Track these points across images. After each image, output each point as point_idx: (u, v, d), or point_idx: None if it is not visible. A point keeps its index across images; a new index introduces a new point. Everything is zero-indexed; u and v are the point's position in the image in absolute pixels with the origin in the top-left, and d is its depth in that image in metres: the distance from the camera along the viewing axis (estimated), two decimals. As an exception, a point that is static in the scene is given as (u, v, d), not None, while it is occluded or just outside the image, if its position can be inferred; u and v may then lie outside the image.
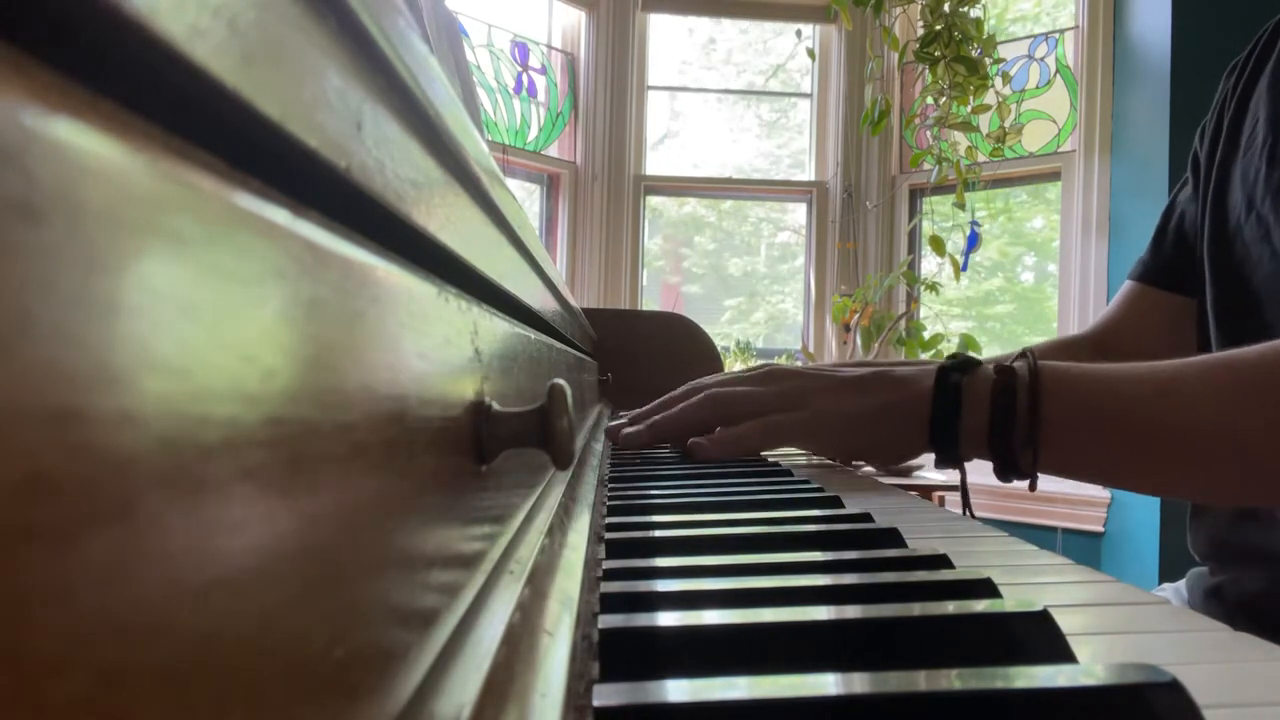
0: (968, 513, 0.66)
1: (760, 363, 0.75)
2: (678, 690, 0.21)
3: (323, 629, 0.12)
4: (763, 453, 0.76)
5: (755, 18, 3.27)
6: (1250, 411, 0.51)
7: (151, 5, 0.09)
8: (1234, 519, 0.67)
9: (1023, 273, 3.30)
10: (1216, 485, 0.55)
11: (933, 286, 2.86)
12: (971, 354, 0.60)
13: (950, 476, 2.93)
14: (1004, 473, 0.57)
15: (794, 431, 0.67)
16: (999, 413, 0.56)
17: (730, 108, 3.46)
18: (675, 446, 0.77)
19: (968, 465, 0.61)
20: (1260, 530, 0.64)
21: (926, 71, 2.73)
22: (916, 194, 3.11)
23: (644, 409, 0.79)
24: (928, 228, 3.04)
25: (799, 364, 0.78)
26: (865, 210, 3.11)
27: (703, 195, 3.43)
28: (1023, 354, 0.58)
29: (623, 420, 1.00)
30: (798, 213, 3.36)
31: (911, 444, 0.61)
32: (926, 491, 2.24)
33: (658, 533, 0.41)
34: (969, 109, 2.68)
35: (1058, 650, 0.25)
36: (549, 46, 3.09)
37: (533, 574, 0.26)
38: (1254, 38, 0.72)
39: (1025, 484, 0.58)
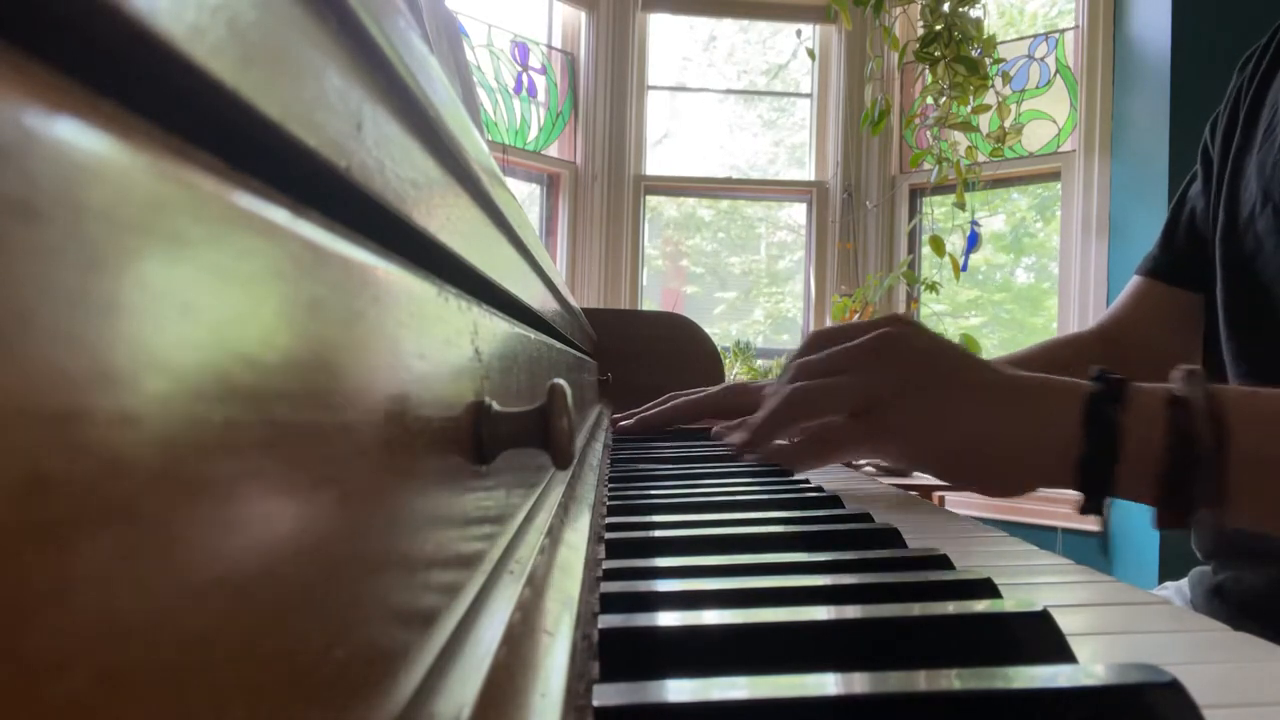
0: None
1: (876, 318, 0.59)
2: (678, 690, 0.21)
3: (323, 629, 0.12)
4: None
5: (755, 17, 3.27)
6: None
7: (151, 5, 0.09)
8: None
9: (1021, 273, 3.30)
10: None
11: (933, 287, 2.86)
12: (1115, 374, 0.50)
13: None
14: (1171, 523, 0.47)
15: (898, 440, 0.54)
16: (1176, 460, 0.46)
17: (730, 106, 3.46)
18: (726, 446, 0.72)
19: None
20: (1262, 530, 0.63)
21: (926, 71, 2.73)
22: (916, 194, 3.11)
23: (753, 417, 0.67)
24: (927, 224, 3.04)
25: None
26: (865, 210, 3.11)
27: (703, 195, 3.43)
28: (1189, 374, 0.48)
29: (621, 419, 0.96)
30: (794, 210, 3.36)
31: (1050, 479, 0.51)
32: (926, 491, 2.23)
33: (658, 533, 0.41)
34: (969, 109, 2.68)
35: (1058, 650, 0.25)
36: (549, 46, 3.09)
37: (533, 574, 0.26)
38: (1271, 29, 0.72)
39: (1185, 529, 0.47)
